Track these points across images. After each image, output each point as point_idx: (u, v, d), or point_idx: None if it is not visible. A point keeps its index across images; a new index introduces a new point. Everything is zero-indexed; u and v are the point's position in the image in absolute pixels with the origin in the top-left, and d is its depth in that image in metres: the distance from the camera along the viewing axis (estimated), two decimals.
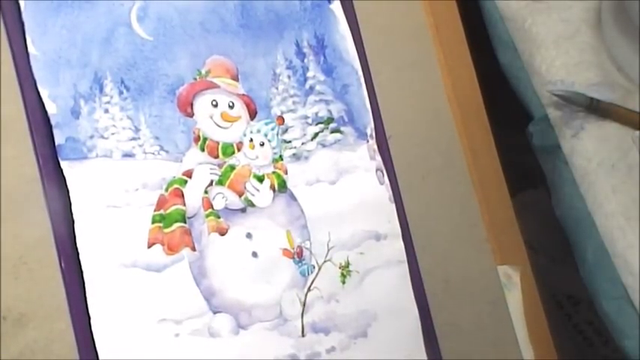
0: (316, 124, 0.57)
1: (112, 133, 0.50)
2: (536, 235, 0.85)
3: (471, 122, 0.65)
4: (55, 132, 0.48)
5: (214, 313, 0.51)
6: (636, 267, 0.62)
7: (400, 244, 0.58)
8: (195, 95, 0.53)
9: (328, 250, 0.55)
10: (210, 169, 0.52)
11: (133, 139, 0.50)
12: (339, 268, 0.56)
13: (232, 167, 0.53)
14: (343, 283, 0.55)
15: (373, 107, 0.59)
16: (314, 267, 0.55)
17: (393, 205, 0.59)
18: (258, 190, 0.53)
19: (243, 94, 0.54)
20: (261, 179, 0.54)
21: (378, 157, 0.59)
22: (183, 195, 0.51)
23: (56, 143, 0.48)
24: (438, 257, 0.60)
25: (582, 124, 0.66)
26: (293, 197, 0.55)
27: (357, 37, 0.60)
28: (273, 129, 0.55)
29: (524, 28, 0.69)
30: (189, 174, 0.51)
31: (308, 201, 0.55)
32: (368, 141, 0.59)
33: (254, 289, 0.52)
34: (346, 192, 0.57)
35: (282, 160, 0.55)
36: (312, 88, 0.57)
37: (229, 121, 0.53)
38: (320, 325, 0.54)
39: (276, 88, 0.56)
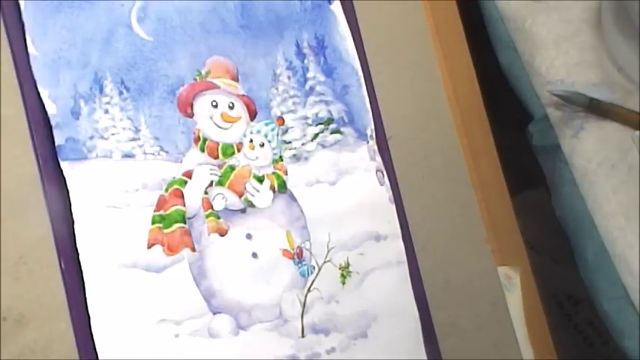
0: (316, 125, 0.57)
1: (112, 134, 0.50)
2: (536, 235, 0.85)
3: (471, 122, 0.65)
4: (55, 132, 0.48)
5: (214, 313, 0.51)
6: (636, 267, 0.62)
7: (400, 245, 0.58)
8: (195, 96, 0.53)
9: (328, 251, 0.55)
10: (210, 169, 0.52)
11: (133, 139, 0.50)
12: (339, 268, 0.56)
13: (232, 168, 0.53)
14: (343, 283, 0.55)
15: (373, 108, 0.59)
16: (314, 268, 0.55)
17: (393, 206, 0.59)
18: (258, 190, 0.53)
19: (243, 95, 0.54)
20: (261, 180, 0.54)
21: (378, 158, 0.59)
22: (183, 195, 0.51)
23: (56, 144, 0.48)
24: (438, 258, 0.60)
25: (582, 124, 0.66)
26: (293, 198, 0.55)
27: (357, 38, 0.60)
28: (273, 130, 0.55)
29: (524, 28, 0.69)
30: (189, 174, 0.52)
31: (308, 202, 0.55)
32: (368, 142, 0.59)
33: (254, 290, 0.52)
34: (346, 193, 0.57)
35: (282, 160, 0.55)
36: (312, 88, 0.57)
37: (229, 122, 0.53)
38: (320, 326, 0.54)
39: (276, 89, 0.56)
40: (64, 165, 0.48)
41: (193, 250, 0.51)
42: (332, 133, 0.57)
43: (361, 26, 0.60)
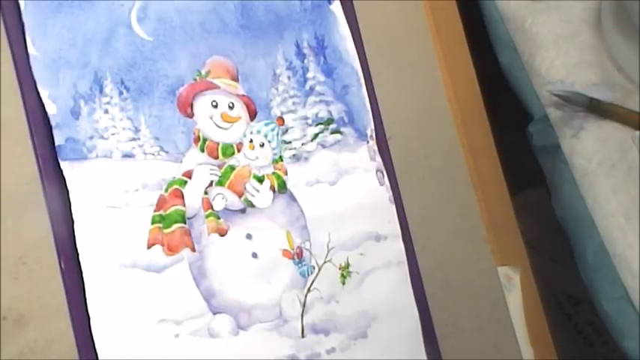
0: (316, 125, 0.57)
1: (112, 134, 0.50)
2: (536, 235, 0.85)
3: (471, 122, 0.65)
4: (55, 132, 0.48)
5: (214, 313, 0.51)
6: (636, 267, 0.62)
7: (400, 245, 0.58)
8: (195, 96, 0.53)
9: (328, 251, 0.55)
10: (210, 169, 0.52)
11: (133, 139, 0.50)
12: (339, 268, 0.56)
13: (232, 168, 0.53)
14: (343, 283, 0.55)
15: (373, 108, 0.59)
16: (314, 268, 0.55)
17: (393, 206, 0.59)
18: (258, 190, 0.53)
19: (243, 95, 0.54)
20: (261, 180, 0.54)
21: (378, 158, 0.59)
22: (183, 195, 0.51)
23: (56, 144, 0.48)
24: (438, 258, 0.60)
25: (582, 124, 0.66)
26: (293, 198, 0.55)
27: (357, 38, 0.60)
28: (273, 130, 0.55)
29: (524, 28, 0.69)
30: (189, 174, 0.52)
31: (308, 202, 0.55)
32: (368, 142, 0.59)
33: (254, 290, 0.52)
34: (346, 193, 0.57)
35: (282, 160, 0.55)
36: (312, 88, 0.57)
37: (229, 122, 0.53)
38: (320, 326, 0.54)
39: (276, 89, 0.56)
40: (64, 165, 0.48)
41: (193, 250, 0.51)
42: (332, 133, 0.57)
43: (361, 26, 0.60)
